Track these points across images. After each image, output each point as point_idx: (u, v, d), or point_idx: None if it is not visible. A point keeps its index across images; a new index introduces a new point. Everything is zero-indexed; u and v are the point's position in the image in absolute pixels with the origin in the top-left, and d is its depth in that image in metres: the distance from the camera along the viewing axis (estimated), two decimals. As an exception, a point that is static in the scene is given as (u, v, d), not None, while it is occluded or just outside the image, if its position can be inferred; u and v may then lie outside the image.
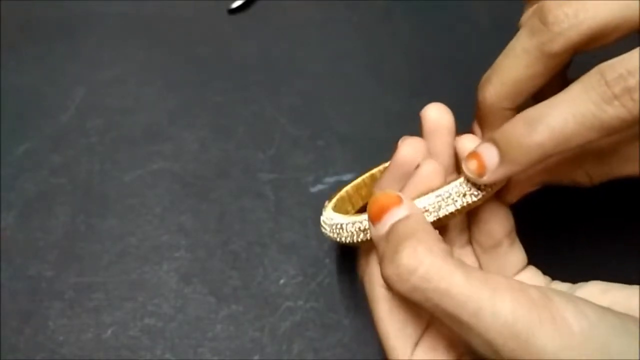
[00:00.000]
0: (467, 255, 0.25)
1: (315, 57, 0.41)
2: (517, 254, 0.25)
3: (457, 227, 0.25)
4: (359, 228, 0.23)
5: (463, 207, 0.23)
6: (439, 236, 0.21)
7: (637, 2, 0.21)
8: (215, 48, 0.42)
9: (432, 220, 0.22)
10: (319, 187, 0.35)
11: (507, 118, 0.24)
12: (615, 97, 0.19)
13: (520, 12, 0.25)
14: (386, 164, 0.29)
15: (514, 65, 0.23)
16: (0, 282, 0.32)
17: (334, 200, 0.27)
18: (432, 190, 0.23)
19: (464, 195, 0.22)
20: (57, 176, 0.36)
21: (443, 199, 0.22)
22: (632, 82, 0.19)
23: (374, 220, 0.21)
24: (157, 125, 0.38)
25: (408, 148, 0.24)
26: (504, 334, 0.17)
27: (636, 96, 0.19)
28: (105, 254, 0.33)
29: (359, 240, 0.23)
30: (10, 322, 0.31)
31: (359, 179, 0.29)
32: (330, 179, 0.35)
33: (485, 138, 0.23)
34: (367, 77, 0.40)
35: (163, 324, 0.30)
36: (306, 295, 0.31)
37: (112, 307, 0.31)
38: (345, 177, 0.35)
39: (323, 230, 0.26)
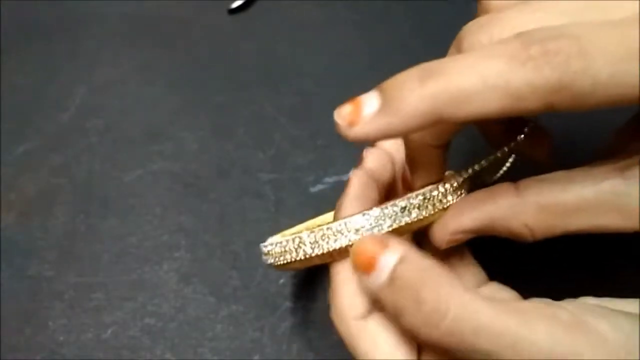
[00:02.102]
0: None
1: (315, 57, 0.41)
2: (469, 270, 0.24)
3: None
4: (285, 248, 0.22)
5: (408, 223, 0.21)
6: (445, 267, 0.19)
7: None
8: (215, 48, 0.42)
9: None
10: (319, 187, 0.35)
11: (436, 158, 0.23)
12: (530, 57, 0.17)
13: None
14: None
15: None
16: (0, 282, 0.32)
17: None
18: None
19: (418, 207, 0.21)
20: (57, 176, 0.36)
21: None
22: (554, 45, 0.17)
23: (365, 271, 0.19)
24: (157, 125, 0.38)
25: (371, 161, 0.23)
26: (547, 354, 0.17)
27: (555, 60, 0.16)
28: (105, 254, 0.33)
29: (286, 261, 0.22)
30: (10, 322, 0.31)
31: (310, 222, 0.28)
32: (330, 179, 0.35)
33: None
34: (367, 77, 0.39)
35: (163, 324, 0.30)
36: (306, 295, 0.31)
37: (112, 307, 0.31)
38: (345, 177, 0.35)
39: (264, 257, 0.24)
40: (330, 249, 0.21)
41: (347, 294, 0.21)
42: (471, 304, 0.18)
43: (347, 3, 0.44)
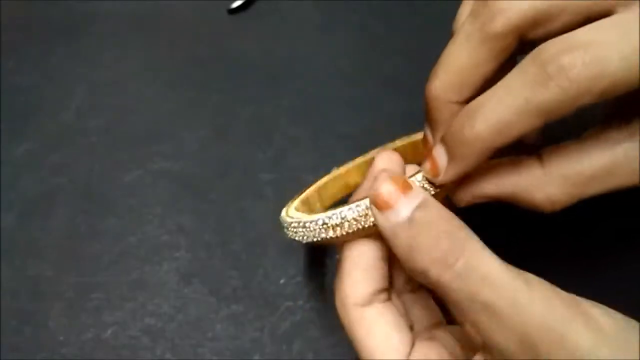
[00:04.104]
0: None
1: (315, 57, 0.41)
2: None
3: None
4: (324, 224, 0.22)
5: None
6: (460, 220, 0.20)
7: None
8: (215, 48, 0.42)
9: None
10: (319, 187, 0.35)
11: (456, 114, 0.22)
12: (549, 77, 0.18)
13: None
14: (349, 165, 0.30)
15: (457, 52, 0.22)
16: (0, 282, 0.32)
17: (297, 201, 0.27)
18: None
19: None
20: (57, 176, 0.36)
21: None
22: (568, 59, 0.18)
23: (383, 207, 0.20)
24: (157, 125, 0.38)
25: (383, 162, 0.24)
26: (541, 328, 0.17)
27: (572, 74, 0.18)
28: (105, 254, 0.33)
29: (325, 237, 0.23)
30: (10, 322, 0.31)
31: (322, 180, 0.29)
32: (330, 179, 0.35)
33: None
34: (367, 77, 0.40)
35: (163, 324, 0.30)
36: (306, 295, 0.31)
37: (112, 307, 0.31)
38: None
39: (285, 231, 0.25)
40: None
41: (350, 281, 0.22)
42: (483, 254, 0.18)
43: (347, 3, 0.44)
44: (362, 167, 0.30)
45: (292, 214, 0.25)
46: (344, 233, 0.22)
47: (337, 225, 0.22)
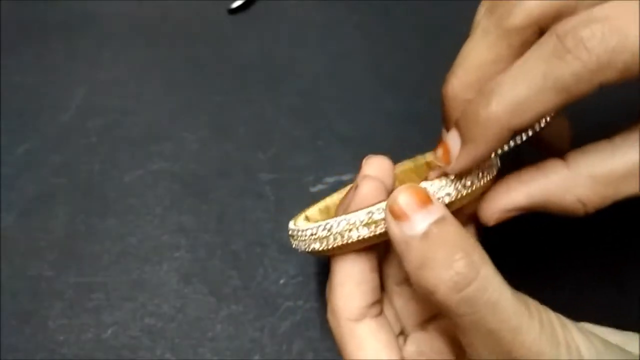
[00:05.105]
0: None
1: (315, 57, 0.41)
2: None
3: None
4: (312, 234, 0.22)
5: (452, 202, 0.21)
6: (476, 241, 0.19)
7: None
8: (215, 48, 0.42)
9: None
10: (319, 187, 0.35)
11: None
12: (567, 50, 0.17)
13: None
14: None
15: (475, 49, 0.21)
16: (0, 282, 0.32)
17: (314, 208, 0.27)
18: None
19: (449, 194, 0.21)
20: (57, 176, 0.36)
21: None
22: (587, 32, 0.17)
23: (400, 217, 0.19)
24: (157, 125, 0.38)
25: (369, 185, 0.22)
26: (532, 352, 0.18)
27: (591, 45, 0.17)
28: (105, 254, 0.33)
29: (314, 249, 0.22)
30: (10, 322, 0.31)
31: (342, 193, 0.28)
32: (330, 179, 0.35)
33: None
34: (367, 77, 0.40)
35: (163, 324, 0.30)
36: (306, 295, 0.31)
37: (112, 307, 0.31)
38: (345, 177, 0.35)
39: (290, 240, 0.24)
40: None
41: (343, 295, 0.22)
42: (495, 281, 0.18)
43: (347, 3, 0.44)
44: (406, 173, 0.27)
45: (299, 223, 0.24)
46: (329, 247, 0.21)
47: (323, 237, 0.21)
